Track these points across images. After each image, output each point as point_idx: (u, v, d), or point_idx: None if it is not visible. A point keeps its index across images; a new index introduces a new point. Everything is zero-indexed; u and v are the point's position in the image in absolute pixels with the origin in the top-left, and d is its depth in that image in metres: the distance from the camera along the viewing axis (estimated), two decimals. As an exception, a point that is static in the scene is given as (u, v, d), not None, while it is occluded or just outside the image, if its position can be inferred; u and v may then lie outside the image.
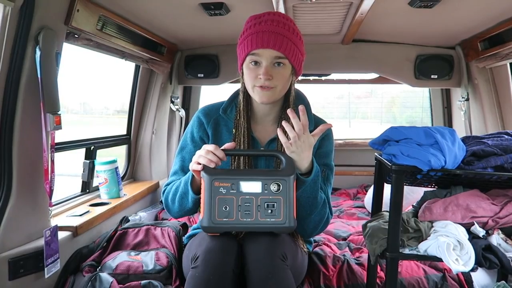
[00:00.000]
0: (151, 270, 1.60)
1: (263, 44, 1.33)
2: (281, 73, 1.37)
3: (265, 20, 1.36)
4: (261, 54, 1.35)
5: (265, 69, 1.35)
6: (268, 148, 1.49)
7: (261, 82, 1.35)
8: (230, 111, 1.51)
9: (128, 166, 2.83)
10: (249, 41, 1.35)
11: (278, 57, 1.36)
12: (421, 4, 1.83)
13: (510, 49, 2.14)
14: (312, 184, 1.32)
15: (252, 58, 1.36)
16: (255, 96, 1.40)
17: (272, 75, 1.36)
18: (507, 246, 1.32)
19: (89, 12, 1.73)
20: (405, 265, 1.72)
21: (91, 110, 10.72)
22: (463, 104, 2.79)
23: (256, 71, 1.37)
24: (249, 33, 1.36)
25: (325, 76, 3.15)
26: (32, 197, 1.56)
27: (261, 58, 1.35)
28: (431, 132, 1.32)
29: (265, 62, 1.35)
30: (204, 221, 1.24)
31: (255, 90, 1.38)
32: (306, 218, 1.39)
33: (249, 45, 1.35)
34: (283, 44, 1.34)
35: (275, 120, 1.50)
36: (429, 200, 1.45)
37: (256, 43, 1.34)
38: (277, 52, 1.34)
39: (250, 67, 1.38)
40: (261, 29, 1.34)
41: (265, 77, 1.34)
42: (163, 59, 2.67)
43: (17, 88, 1.46)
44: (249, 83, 1.39)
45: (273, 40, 1.33)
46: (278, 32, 1.34)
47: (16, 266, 1.45)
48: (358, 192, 3.10)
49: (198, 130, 1.51)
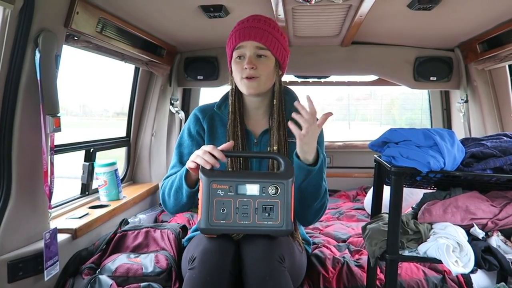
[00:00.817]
0: (151, 272, 1.60)
1: (245, 37, 1.44)
2: (265, 64, 1.46)
3: (247, 20, 1.48)
4: (244, 45, 1.45)
5: (248, 58, 1.44)
6: (261, 139, 1.54)
7: (246, 72, 1.44)
8: (224, 108, 1.57)
9: (127, 168, 2.83)
10: (233, 37, 1.47)
11: (260, 48, 1.45)
12: (420, 7, 1.83)
13: (508, 51, 2.14)
14: (318, 172, 1.37)
15: (237, 53, 1.46)
16: (243, 88, 1.47)
17: (256, 65, 1.44)
18: (507, 248, 1.32)
19: (88, 14, 1.74)
20: (405, 267, 1.71)
21: (90, 112, 10.72)
22: (462, 106, 2.79)
23: (241, 64, 1.45)
24: (233, 32, 1.49)
25: (325, 78, 3.15)
26: (32, 200, 1.56)
27: (245, 50, 1.45)
28: (430, 134, 1.32)
29: (248, 52, 1.45)
30: (201, 222, 1.24)
31: (242, 82, 1.46)
32: (309, 207, 1.43)
33: (234, 40, 1.46)
34: (263, 36, 1.44)
35: (265, 113, 1.56)
36: (429, 202, 1.45)
37: (239, 37, 1.45)
38: (259, 43, 1.44)
39: (237, 61, 1.47)
40: (244, 26, 1.46)
41: (249, 65, 1.42)
42: (163, 61, 2.67)
43: (17, 90, 1.46)
44: (237, 77, 1.48)
45: (254, 33, 1.44)
46: (259, 26, 1.45)
47: (15, 268, 1.45)
48: (358, 194, 3.10)
49: (195, 125, 1.57)
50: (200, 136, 1.56)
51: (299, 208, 1.42)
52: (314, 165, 1.36)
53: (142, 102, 2.80)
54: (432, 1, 1.77)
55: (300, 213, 1.45)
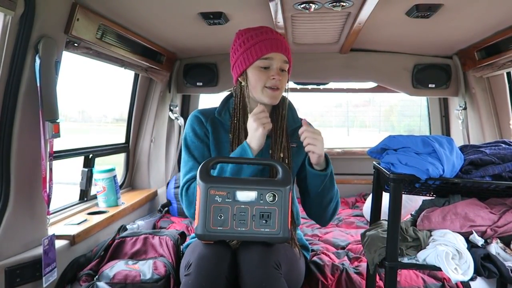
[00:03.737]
0: (149, 279, 1.59)
1: (276, 49, 1.46)
2: (285, 77, 1.52)
3: (267, 31, 1.49)
4: (274, 57, 1.47)
5: (276, 70, 1.48)
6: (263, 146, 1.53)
7: (273, 82, 1.47)
8: (224, 114, 1.57)
9: (126, 174, 2.83)
10: (262, 46, 1.46)
11: (285, 62, 1.50)
12: (418, 14, 1.85)
13: (506, 58, 2.15)
14: (330, 175, 1.47)
15: (264, 62, 1.47)
16: (265, 97, 1.49)
17: (281, 77, 1.49)
18: (506, 255, 1.32)
19: (89, 21, 1.75)
20: (404, 274, 1.71)
21: (89, 118, 10.71)
22: (461, 113, 2.80)
23: (266, 73, 1.47)
24: (257, 40, 1.47)
25: (324, 85, 3.16)
26: (30, 206, 1.55)
27: (273, 61, 1.47)
28: (429, 141, 1.33)
29: (276, 64, 1.48)
30: (198, 228, 1.24)
31: (265, 91, 1.49)
32: (327, 208, 1.53)
33: (262, 49, 1.46)
34: (288, 51, 1.50)
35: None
36: (428, 209, 1.45)
37: (270, 47, 1.45)
38: (285, 57, 1.49)
39: (261, 70, 1.48)
40: (269, 37, 1.47)
41: (278, 77, 1.46)
42: (162, 67, 2.68)
43: (16, 96, 1.46)
44: (259, 85, 1.48)
45: (283, 47, 1.48)
46: (283, 40, 1.50)
47: (13, 275, 1.44)
48: (357, 201, 3.10)
49: (200, 126, 1.55)
50: (207, 137, 1.54)
51: (318, 211, 1.54)
52: (326, 169, 1.46)
53: (141, 108, 2.81)
54: (430, 9, 1.79)
55: (320, 216, 1.56)
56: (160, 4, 1.80)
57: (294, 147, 1.57)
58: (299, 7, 1.74)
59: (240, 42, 1.50)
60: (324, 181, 1.45)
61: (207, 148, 1.53)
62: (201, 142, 1.53)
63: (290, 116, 1.61)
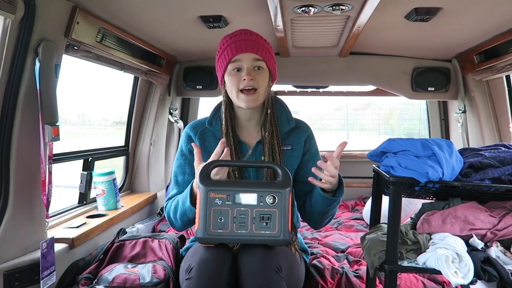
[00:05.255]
0: (148, 282, 1.58)
1: (242, 49, 1.44)
2: (262, 75, 1.48)
3: (239, 33, 1.48)
4: (242, 58, 1.45)
5: (247, 70, 1.45)
6: (256, 150, 1.54)
7: (245, 83, 1.44)
8: (215, 123, 1.58)
9: (125, 177, 2.82)
10: (229, 50, 1.46)
11: (257, 59, 1.46)
12: (418, 18, 1.85)
13: (505, 62, 2.16)
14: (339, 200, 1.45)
15: (234, 65, 1.46)
16: (240, 102, 1.47)
17: (254, 76, 1.45)
18: (506, 259, 1.32)
19: (89, 24, 1.75)
20: (404, 278, 1.70)
21: (89, 121, 10.70)
22: (460, 116, 2.80)
23: (238, 76, 1.46)
24: (226, 45, 1.47)
25: (323, 88, 3.16)
26: (29, 209, 1.55)
27: (242, 62, 1.46)
28: (429, 144, 1.33)
29: (246, 64, 1.46)
30: (198, 232, 1.24)
31: (240, 96, 1.47)
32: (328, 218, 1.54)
33: (229, 53, 1.45)
34: (259, 48, 1.46)
35: (257, 124, 1.57)
36: (427, 212, 1.45)
37: (236, 49, 1.45)
38: (256, 55, 1.46)
39: (233, 73, 1.47)
40: (238, 39, 1.46)
41: (248, 77, 1.43)
42: (162, 71, 2.68)
43: (16, 99, 1.47)
44: (234, 89, 1.47)
45: (251, 45, 1.45)
46: (253, 39, 1.47)
47: (11, 278, 1.44)
48: (357, 204, 3.10)
49: (187, 144, 1.58)
50: (192, 155, 1.51)
51: (318, 220, 1.53)
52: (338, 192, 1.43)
53: (141, 111, 2.81)
54: (430, 12, 1.79)
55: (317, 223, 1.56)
56: (160, 8, 1.80)
57: (288, 150, 1.55)
58: (299, 10, 1.74)
59: (219, 49, 1.51)
60: (332, 205, 1.45)
61: (189, 165, 1.55)
62: (184, 160, 1.57)
63: (284, 116, 1.58)
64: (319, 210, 1.47)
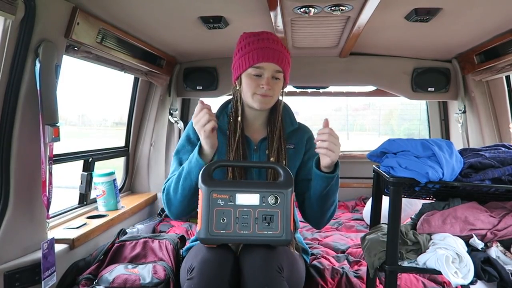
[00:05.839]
0: (149, 283, 1.59)
1: (267, 58, 1.48)
2: (278, 85, 1.54)
3: (266, 38, 1.50)
4: (265, 67, 1.49)
5: (267, 79, 1.49)
6: (260, 146, 1.57)
7: (262, 91, 1.49)
8: (222, 118, 1.60)
9: (126, 178, 2.82)
10: (254, 55, 1.48)
11: (278, 71, 1.51)
12: (417, 19, 1.85)
13: (505, 62, 2.16)
14: (337, 177, 1.46)
15: (255, 71, 1.49)
16: (254, 102, 1.51)
17: (272, 86, 1.50)
18: (506, 259, 1.32)
19: (89, 25, 1.75)
20: (404, 278, 1.70)
21: (89, 121, 10.70)
22: (460, 116, 2.80)
23: (257, 81, 1.50)
24: (252, 48, 1.49)
25: (323, 88, 3.16)
26: (30, 209, 1.55)
27: (264, 70, 1.49)
28: (429, 145, 1.33)
29: (267, 74, 1.50)
30: (201, 232, 1.24)
31: (255, 97, 1.51)
32: (327, 211, 1.53)
33: (254, 58, 1.48)
34: (282, 60, 1.51)
35: (263, 123, 1.62)
36: (428, 213, 1.45)
37: (261, 57, 1.48)
38: (278, 67, 1.50)
39: (252, 77, 1.50)
40: (264, 45, 1.49)
41: (267, 87, 1.49)
42: (162, 71, 2.68)
43: (16, 100, 1.47)
44: (249, 91, 1.51)
45: (276, 56, 1.49)
46: (278, 49, 1.50)
47: (12, 279, 1.44)
48: (357, 205, 3.09)
49: (195, 133, 1.57)
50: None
51: (317, 214, 1.53)
52: (334, 171, 1.44)
53: (141, 112, 2.81)
54: (429, 13, 1.79)
55: (317, 219, 1.55)
56: (160, 8, 1.80)
57: (291, 149, 1.60)
58: (299, 11, 1.74)
59: (241, 46, 1.52)
60: (330, 184, 1.44)
61: None
62: (191, 147, 1.55)
63: (288, 118, 1.63)
64: (318, 195, 1.46)
